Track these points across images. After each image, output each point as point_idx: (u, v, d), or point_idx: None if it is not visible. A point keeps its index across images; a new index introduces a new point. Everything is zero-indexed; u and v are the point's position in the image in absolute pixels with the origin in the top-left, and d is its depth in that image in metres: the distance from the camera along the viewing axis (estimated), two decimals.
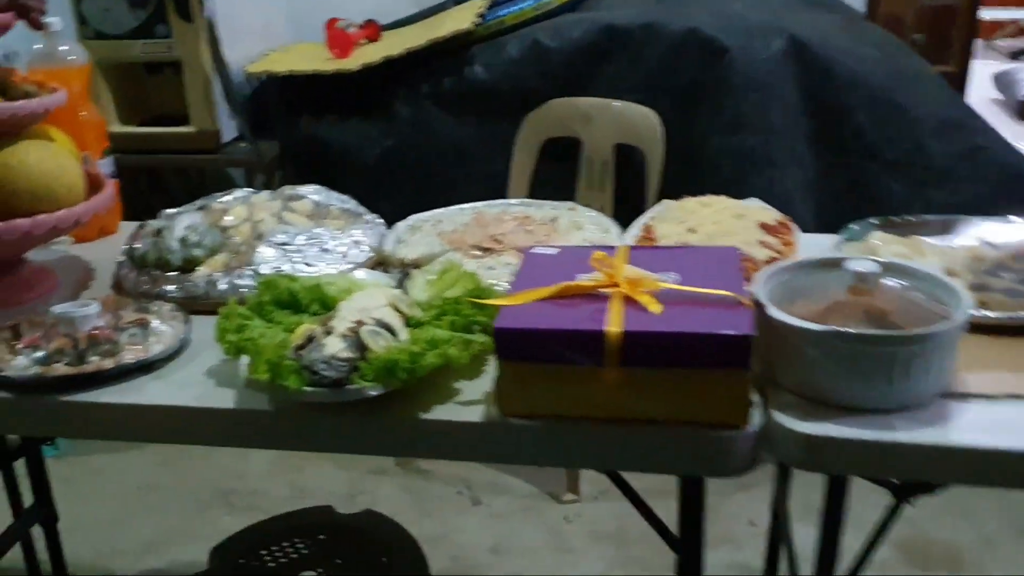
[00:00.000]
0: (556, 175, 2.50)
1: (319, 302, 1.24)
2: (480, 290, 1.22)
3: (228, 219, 1.51)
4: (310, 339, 1.12)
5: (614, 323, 1.01)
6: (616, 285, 1.09)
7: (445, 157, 2.47)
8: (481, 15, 2.42)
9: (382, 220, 1.59)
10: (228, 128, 2.44)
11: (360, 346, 1.09)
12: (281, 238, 1.44)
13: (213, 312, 1.34)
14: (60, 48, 1.55)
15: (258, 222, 1.50)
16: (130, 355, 1.17)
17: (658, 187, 2.29)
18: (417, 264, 1.38)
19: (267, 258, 1.39)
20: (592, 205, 2.47)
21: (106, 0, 2.25)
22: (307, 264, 1.40)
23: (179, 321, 1.27)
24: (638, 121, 2.34)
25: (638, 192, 2.40)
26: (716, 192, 2.41)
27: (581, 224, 1.54)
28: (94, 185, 1.43)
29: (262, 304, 1.21)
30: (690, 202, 1.51)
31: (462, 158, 2.48)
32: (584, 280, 1.11)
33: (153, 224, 1.52)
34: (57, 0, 2.58)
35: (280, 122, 2.51)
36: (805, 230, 1.45)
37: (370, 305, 1.17)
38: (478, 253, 1.45)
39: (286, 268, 1.38)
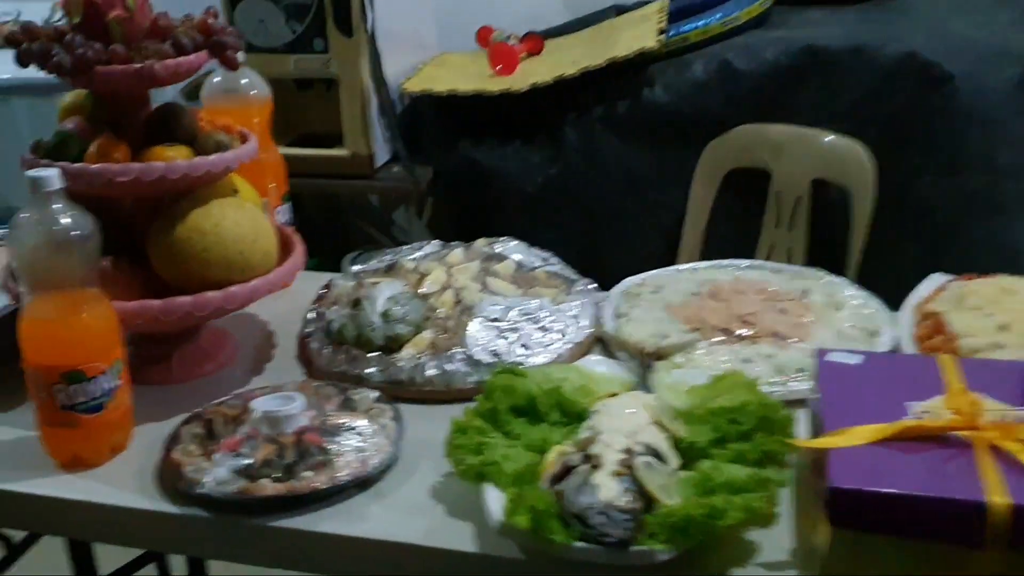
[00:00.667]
0: (738, 210, 2.25)
1: (559, 408, 1.03)
2: (762, 406, 0.99)
3: (427, 286, 1.31)
4: (567, 468, 0.92)
5: (994, 489, 0.78)
6: (975, 427, 0.85)
7: (615, 186, 2.24)
8: (662, 30, 2.19)
9: (594, 284, 1.37)
10: (380, 151, 2.25)
11: (639, 489, 0.87)
12: (492, 312, 1.23)
13: (417, 400, 1.15)
14: (242, 80, 1.38)
15: (460, 289, 1.30)
16: (345, 469, 0.98)
17: (866, 234, 2.02)
18: (660, 355, 1.16)
19: (479, 339, 1.19)
20: (779, 247, 2.25)
21: (261, 10, 2.08)
22: (524, 347, 1.20)
23: (389, 418, 1.08)
24: (843, 154, 2.08)
25: (835, 236, 2.14)
26: (927, 241, 2.15)
27: (840, 303, 1.30)
28: (283, 243, 1.25)
29: (496, 412, 1.01)
30: (983, 285, 1.25)
31: (634, 187, 2.25)
32: (926, 415, 0.88)
33: (340, 286, 1.33)
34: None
35: (435, 144, 2.32)
36: None
37: (633, 425, 0.96)
38: (724, 338, 1.22)
39: (500, 349, 1.18)
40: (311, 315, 1.30)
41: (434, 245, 1.46)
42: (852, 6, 2.37)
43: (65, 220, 0.97)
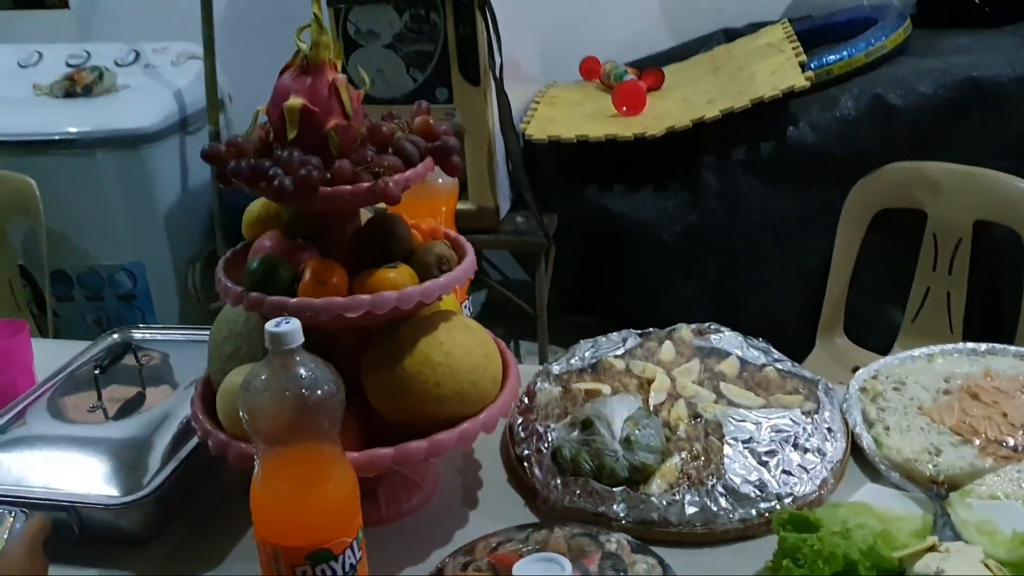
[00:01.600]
0: (887, 253, 2.10)
1: (875, 569, 0.89)
2: None
3: (653, 396, 1.16)
4: None
5: None
6: None
7: (756, 232, 2.09)
8: (803, 64, 2.03)
9: (825, 382, 1.22)
10: (503, 201, 2.11)
11: None
12: (742, 431, 1.08)
13: (671, 543, 1.01)
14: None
15: (692, 399, 1.15)
16: None
17: None
18: (954, 484, 1.01)
19: (737, 467, 1.04)
20: (936, 292, 2.09)
21: (380, 58, 1.94)
22: (787, 474, 1.05)
23: (656, 571, 0.93)
24: (1011, 194, 1.92)
25: (999, 281, 1.98)
26: None
27: None
28: None
29: (795, 573, 0.86)
30: None
31: (775, 232, 2.10)
32: None
33: (546, 392, 1.19)
34: None
35: (558, 191, 2.17)
36: None
37: None
38: (1005, 451, 1.07)
39: (764, 479, 1.03)
40: (520, 430, 1.16)
41: (631, 336, 1.31)
42: (1006, 27, 2.20)
43: (310, 377, 0.82)
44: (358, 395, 1.00)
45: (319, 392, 0.83)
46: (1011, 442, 1.08)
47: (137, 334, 1.40)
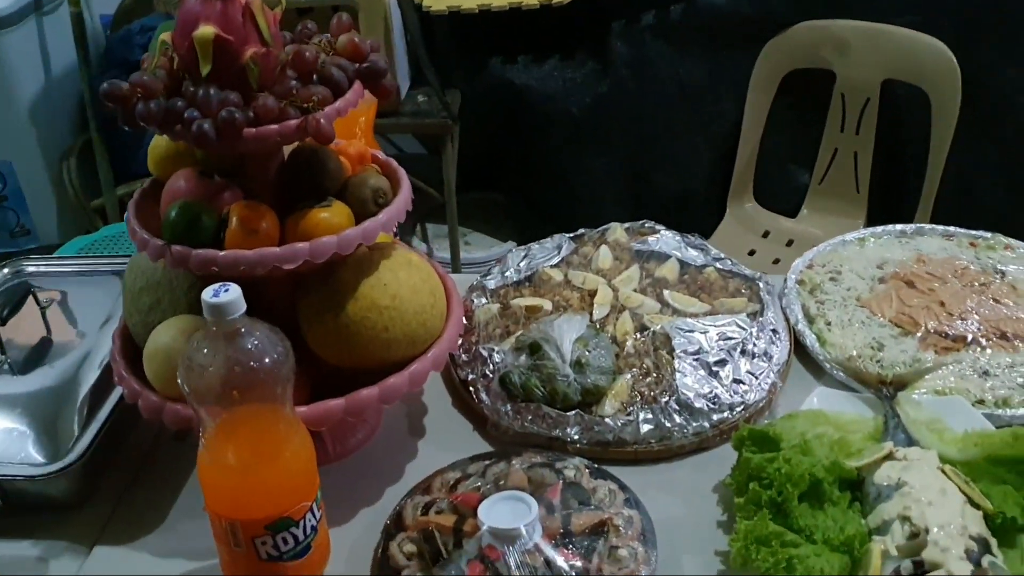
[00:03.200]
0: (795, 116, 2.09)
1: (838, 482, 0.90)
2: None
3: (598, 310, 1.13)
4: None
5: None
6: None
7: (667, 101, 2.04)
8: None
9: (765, 279, 1.20)
10: (403, 81, 1.98)
11: None
12: (691, 343, 1.07)
13: (628, 461, 1.01)
14: None
15: (637, 310, 1.13)
16: None
17: (950, 139, 1.89)
18: (902, 382, 1.03)
19: (689, 381, 1.03)
20: (844, 152, 2.10)
21: None
22: (737, 383, 1.05)
23: (623, 504, 0.93)
24: (920, 52, 1.91)
25: (904, 140, 2.00)
26: (1010, 140, 2.02)
27: None
28: None
29: (787, 505, 0.87)
30: None
31: (686, 100, 2.05)
32: None
33: (484, 309, 1.15)
34: None
35: (459, 66, 2.05)
36: None
37: (950, 511, 0.83)
38: (944, 342, 1.09)
39: (717, 392, 1.03)
40: (462, 353, 1.12)
41: (564, 241, 1.27)
42: None
43: (257, 347, 0.76)
44: (296, 342, 0.94)
45: (268, 361, 0.77)
46: (950, 332, 1.10)
47: (30, 267, 1.28)
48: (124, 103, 0.82)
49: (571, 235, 1.29)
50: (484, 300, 1.18)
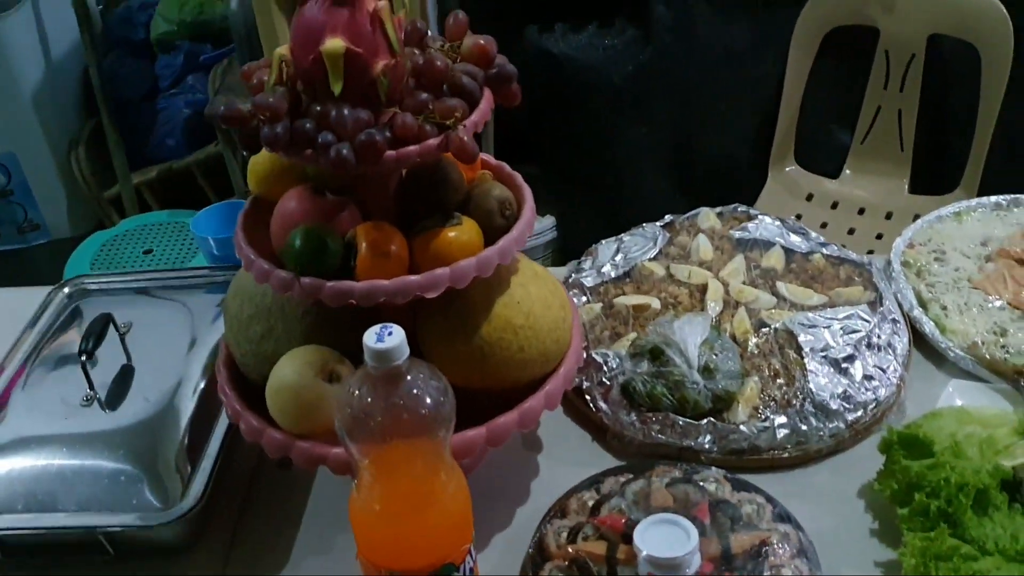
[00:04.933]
0: (837, 75, 2.02)
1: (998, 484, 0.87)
2: None
3: (712, 307, 1.08)
4: None
5: None
6: None
7: (711, 66, 1.97)
8: None
9: (874, 263, 1.16)
10: None
11: None
12: (818, 340, 1.02)
13: (761, 468, 0.97)
14: None
15: (751, 305, 1.08)
16: None
17: (1001, 96, 1.83)
18: None
19: (823, 384, 0.99)
20: (888, 111, 2.05)
21: None
22: (869, 379, 1.01)
23: (773, 516, 0.89)
24: (968, 4, 1.85)
25: (953, 98, 1.95)
26: None
27: None
28: None
29: (959, 516, 0.83)
30: None
31: (729, 64, 1.98)
32: None
33: (586, 309, 1.09)
34: None
35: (494, 36, 1.96)
36: None
37: None
38: None
39: (849, 391, 0.99)
40: (601, 368, 1.05)
41: (657, 231, 1.21)
42: None
43: (421, 390, 0.70)
44: None
45: (431, 403, 0.71)
46: None
47: (91, 284, 1.21)
48: (244, 125, 0.75)
49: (661, 224, 1.23)
50: (584, 299, 1.13)
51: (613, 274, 1.16)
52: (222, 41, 2.36)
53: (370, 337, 0.68)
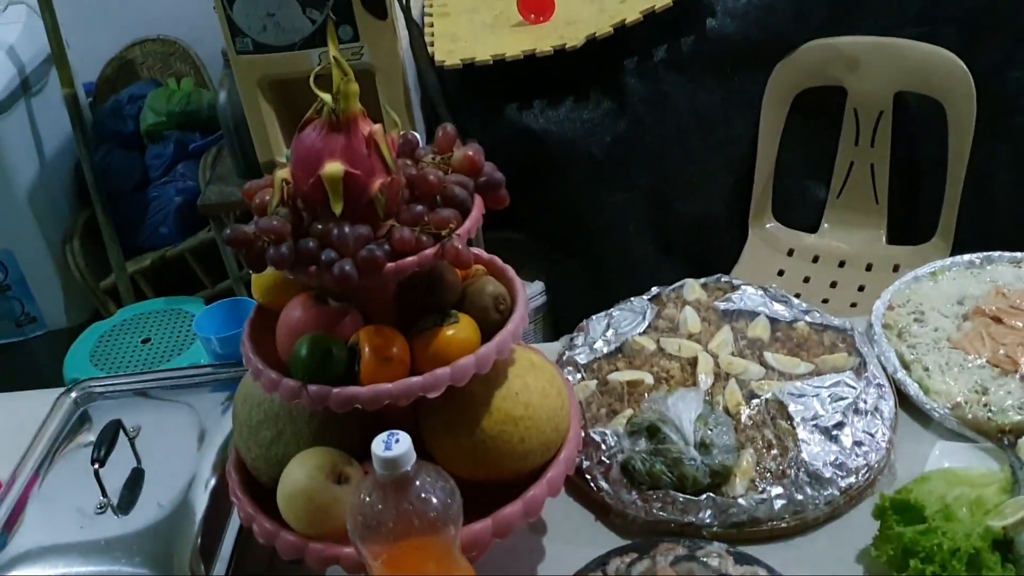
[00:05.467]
0: (810, 133, 2.09)
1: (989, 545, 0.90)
2: None
3: (703, 380, 1.12)
4: None
5: None
6: None
7: (684, 131, 2.03)
8: None
9: (852, 327, 1.20)
10: (422, 138, 1.95)
11: None
12: (807, 409, 1.06)
13: (758, 539, 0.99)
14: None
15: (739, 376, 1.12)
16: None
17: (969, 146, 1.90)
18: (1021, 429, 1.03)
19: (815, 452, 1.02)
20: (860, 165, 2.11)
21: (269, 2, 1.71)
22: (858, 445, 1.04)
23: None
24: (930, 63, 1.92)
25: (922, 150, 2.02)
26: (1020, 137, 2.04)
27: None
28: None
29: (927, 574, 0.86)
30: None
31: (702, 128, 2.04)
32: None
33: (584, 388, 1.13)
34: (201, 8, 2.01)
35: (475, 117, 2.02)
36: None
37: None
38: None
39: (841, 457, 1.02)
40: (602, 450, 1.08)
41: (645, 305, 1.25)
42: None
43: (430, 493, 0.73)
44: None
45: (439, 504, 0.74)
46: None
47: (97, 387, 1.24)
48: (250, 247, 0.79)
49: (648, 296, 1.27)
50: (580, 376, 1.17)
51: (605, 350, 1.19)
52: (210, 129, 2.41)
53: (378, 446, 0.71)
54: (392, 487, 0.72)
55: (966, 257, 1.32)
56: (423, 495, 0.73)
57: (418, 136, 0.90)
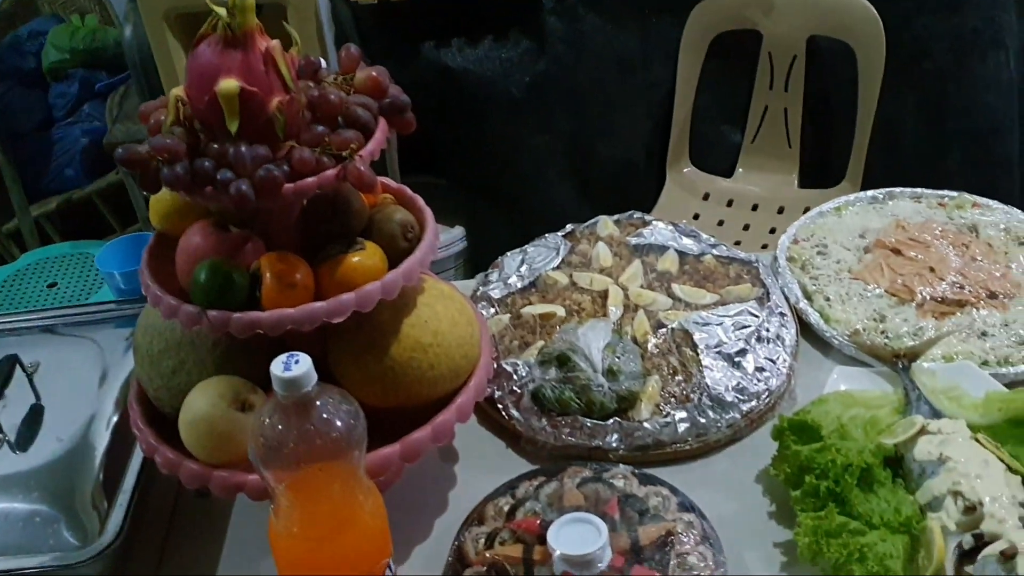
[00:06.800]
0: (725, 77, 2.11)
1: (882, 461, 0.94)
2: None
3: (613, 312, 1.13)
4: (962, 553, 0.84)
5: None
6: None
7: (604, 73, 2.03)
8: None
9: (756, 260, 1.23)
10: None
11: None
12: (711, 336, 1.08)
13: (664, 461, 1.02)
14: None
15: (648, 307, 1.14)
16: None
17: (878, 91, 1.94)
18: (915, 353, 1.07)
19: (717, 378, 1.05)
20: (774, 110, 2.14)
21: None
22: (760, 371, 1.07)
23: (677, 508, 0.94)
24: (842, 7, 1.95)
25: (834, 95, 2.06)
26: (928, 87, 2.09)
27: (1019, 235, 1.24)
28: None
29: (845, 495, 0.89)
30: None
31: (622, 71, 2.05)
32: None
33: (495, 321, 1.13)
34: None
35: (391, 55, 1.99)
36: None
37: (996, 482, 0.87)
38: (943, 307, 1.14)
39: (743, 383, 1.05)
40: (514, 380, 1.08)
41: (559, 241, 1.26)
42: None
43: (332, 415, 0.73)
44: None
45: (343, 427, 0.74)
46: (945, 297, 1.15)
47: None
48: (144, 167, 0.77)
49: (563, 233, 1.28)
50: (493, 310, 1.17)
51: (519, 285, 1.20)
52: (117, 68, 2.33)
53: (277, 366, 0.70)
54: (294, 409, 0.72)
55: (869, 193, 1.36)
56: (325, 417, 0.72)
57: (322, 61, 0.88)
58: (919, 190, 1.35)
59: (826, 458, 0.91)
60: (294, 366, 0.70)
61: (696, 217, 2.11)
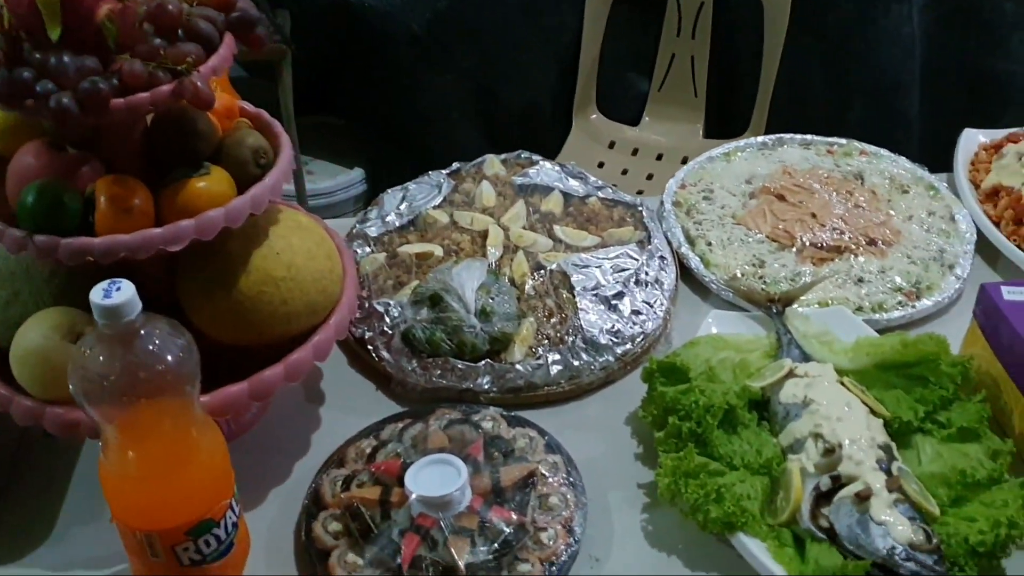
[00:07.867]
0: (634, 26, 2.08)
1: (748, 405, 0.93)
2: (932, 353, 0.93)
3: (492, 252, 1.10)
4: (820, 494, 0.84)
5: None
6: None
7: (509, 14, 1.98)
8: None
9: (645, 204, 1.21)
10: None
11: (918, 511, 0.81)
12: (589, 279, 1.06)
13: (537, 404, 1.00)
14: None
15: (529, 248, 1.11)
16: (556, 543, 0.83)
17: (782, 41, 1.93)
18: (789, 298, 1.06)
19: (592, 320, 1.03)
20: (681, 57, 2.12)
21: None
22: (636, 314, 1.05)
23: (544, 449, 0.92)
24: None
25: (740, 44, 2.04)
26: (833, 38, 2.08)
27: (900, 183, 1.24)
28: None
29: (706, 435, 0.88)
30: None
31: (528, 13, 2.00)
32: None
33: (371, 260, 1.10)
34: None
35: None
36: None
37: (857, 424, 0.88)
38: (822, 253, 1.14)
39: (618, 325, 1.03)
40: (384, 320, 1.05)
41: (442, 179, 1.22)
42: None
43: (159, 346, 0.69)
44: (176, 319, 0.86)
45: (173, 360, 0.69)
46: (824, 243, 1.15)
47: None
48: None
49: (447, 171, 1.24)
50: (368, 249, 1.13)
51: (398, 223, 1.16)
52: None
53: (97, 294, 0.65)
54: (116, 340, 0.67)
55: (759, 139, 1.35)
56: (151, 349, 0.68)
57: None
58: (809, 137, 1.34)
59: (690, 399, 0.90)
60: (115, 293, 0.66)
61: (601, 165, 2.10)
